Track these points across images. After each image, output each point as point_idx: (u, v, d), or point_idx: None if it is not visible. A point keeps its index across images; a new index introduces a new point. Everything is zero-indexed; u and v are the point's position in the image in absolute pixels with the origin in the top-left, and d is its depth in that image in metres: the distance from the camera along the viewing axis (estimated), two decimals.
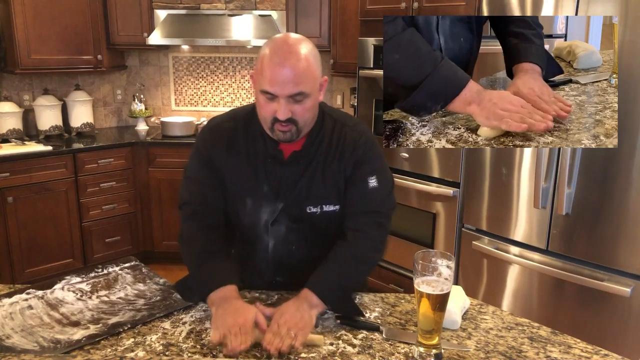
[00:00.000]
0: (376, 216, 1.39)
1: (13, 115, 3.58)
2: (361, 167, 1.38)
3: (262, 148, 1.38)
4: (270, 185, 1.38)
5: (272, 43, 1.27)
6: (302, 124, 1.29)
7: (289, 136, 1.30)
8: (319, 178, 1.37)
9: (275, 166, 1.38)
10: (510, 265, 2.53)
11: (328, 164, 1.38)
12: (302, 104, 1.26)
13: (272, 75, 1.22)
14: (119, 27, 3.83)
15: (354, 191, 1.38)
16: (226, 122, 1.44)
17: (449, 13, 2.80)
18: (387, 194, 1.41)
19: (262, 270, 1.47)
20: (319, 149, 1.38)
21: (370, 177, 1.38)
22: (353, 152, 1.38)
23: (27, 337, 1.16)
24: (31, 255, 3.37)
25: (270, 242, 1.42)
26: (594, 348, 1.16)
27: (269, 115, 1.27)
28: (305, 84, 1.24)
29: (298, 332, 1.14)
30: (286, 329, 1.15)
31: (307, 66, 1.24)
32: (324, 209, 1.39)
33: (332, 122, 1.41)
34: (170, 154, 3.74)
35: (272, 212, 1.39)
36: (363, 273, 1.41)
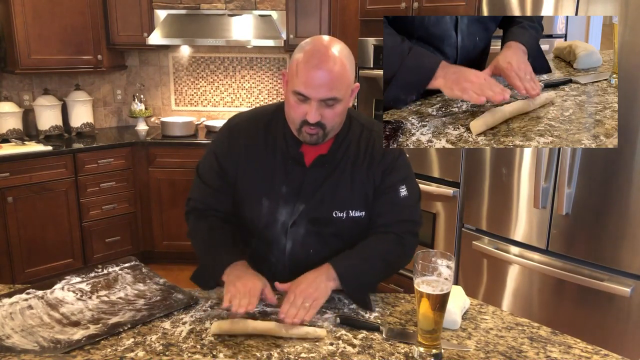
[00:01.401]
0: (409, 225, 1.41)
1: (13, 115, 3.59)
2: (391, 175, 1.39)
3: (284, 149, 1.38)
4: (290, 186, 1.38)
5: (308, 45, 1.27)
6: (330, 128, 1.30)
7: (315, 139, 1.30)
8: (347, 183, 1.38)
9: (297, 168, 1.38)
10: (510, 265, 2.53)
11: (357, 170, 1.38)
12: (333, 108, 1.26)
13: (307, 78, 1.22)
14: (119, 27, 3.83)
15: (386, 200, 1.39)
16: (246, 121, 1.45)
17: (449, 13, 2.80)
18: (416, 202, 1.44)
19: (277, 272, 1.46)
20: (346, 154, 1.38)
21: (401, 186, 1.40)
22: (382, 159, 1.39)
23: (27, 337, 1.16)
24: (31, 255, 3.37)
25: (288, 243, 1.42)
26: (594, 348, 1.16)
27: (298, 117, 1.27)
28: (339, 89, 1.24)
29: (312, 302, 1.19)
30: (301, 300, 1.19)
31: (343, 71, 1.25)
32: (350, 215, 1.39)
33: (359, 127, 1.42)
34: (170, 154, 3.74)
35: (291, 214, 1.39)
36: (385, 272, 1.41)
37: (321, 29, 3.84)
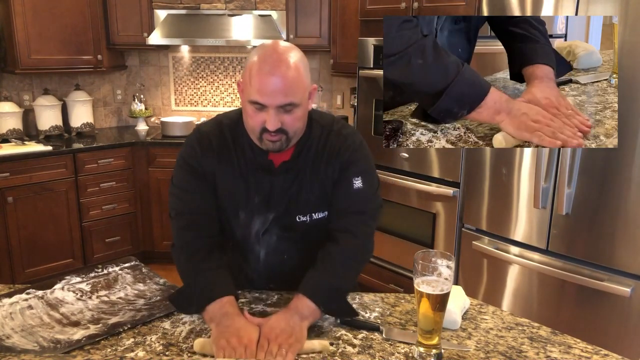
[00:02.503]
0: (362, 216, 1.37)
1: (13, 115, 3.59)
2: (347, 169, 1.36)
3: (252, 158, 1.35)
4: (261, 196, 1.36)
5: (260, 51, 1.23)
6: (292, 133, 1.27)
7: (278, 146, 1.27)
8: (308, 186, 1.36)
9: (265, 176, 1.35)
10: (510, 265, 2.53)
11: (315, 172, 1.36)
12: (292, 113, 1.23)
13: (260, 85, 1.19)
14: (119, 27, 3.83)
15: (339, 192, 1.36)
16: (213, 131, 1.38)
17: (449, 13, 2.80)
18: (373, 194, 1.39)
19: (254, 280, 1.46)
20: (307, 157, 1.36)
21: (356, 178, 1.35)
22: (338, 156, 1.35)
23: (27, 337, 1.16)
24: (31, 255, 3.37)
25: (261, 251, 1.41)
26: (594, 348, 1.16)
27: (257, 125, 1.24)
28: (295, 94, 1.21)
29: (289, 348, 1.10)
30: (277, 347, 1.10)
31: (297, 75, 1.21)
32: (314, 217, 1.37)
33: (319, 129, 1.38)
34: (170, 154, 3.74)
35: (263, 223, 1.38)
36: (353, 273, 1.37)
37: (321, 29, 3.84)
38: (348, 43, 3.62)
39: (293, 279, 1.34)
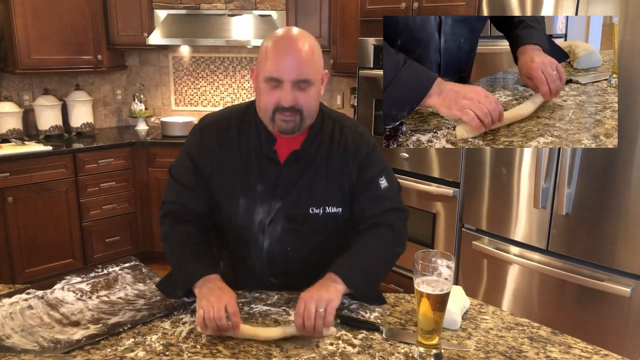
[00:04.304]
0: (396, 212, 1.40)
1: (13, 115, 3.59)
2: (367, 170, 1.37)
3: (257, 147, 1.36)
4: (265, 184, 1.36)
5: (274, 35, 1.27)
6: (307, 113, 1.28)
7: (292, 126, 1.27)
8: (322, 179, 1.36)
9: (271, 165, 1.36)
10: (510, 265, 2.53)
11: (331, 165, 1.36)
12: (307, 92, 1.25)
13: (277, 61, 1.22)
14: (119, 27, 3.83)
15: (368, 195, 1.37)
16: (219, 121, 1.42)
17: (449, 13, 2.80)
18: (397, 192, 1.43)
19: (256, 271, 1.45)
20: (320, 149, 1.36)
21: (380, 178, 1.38)
22: (356, 154, 1.37)
23: (27, 337, 1.16)
24: (31, 255, 3.37)
25: (265, 242, 1.40)
26: (594, 348, 1.16)
27: (271, 103, 1.25)
28: (310, 71, 1.24)
29: (327, 306, 1.13)
30: (314, 305, 1.13)
31: (312, 54, 1.25)
32: (327, 211, 1.37)
33: (331, 122, 1.40)
34: (170, 154, 3.74)
35: (268, 212, 1.37)
36: (386, 263, 1.39)
37: (321, 29, 3.84)
38: (348, 43, 3.62)
39: (295, 273, 1.34)
